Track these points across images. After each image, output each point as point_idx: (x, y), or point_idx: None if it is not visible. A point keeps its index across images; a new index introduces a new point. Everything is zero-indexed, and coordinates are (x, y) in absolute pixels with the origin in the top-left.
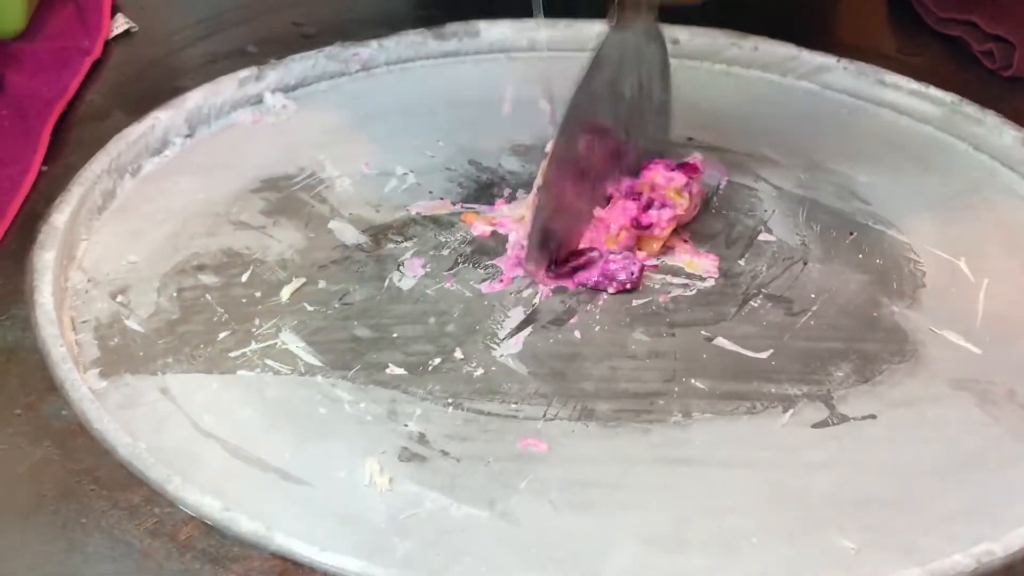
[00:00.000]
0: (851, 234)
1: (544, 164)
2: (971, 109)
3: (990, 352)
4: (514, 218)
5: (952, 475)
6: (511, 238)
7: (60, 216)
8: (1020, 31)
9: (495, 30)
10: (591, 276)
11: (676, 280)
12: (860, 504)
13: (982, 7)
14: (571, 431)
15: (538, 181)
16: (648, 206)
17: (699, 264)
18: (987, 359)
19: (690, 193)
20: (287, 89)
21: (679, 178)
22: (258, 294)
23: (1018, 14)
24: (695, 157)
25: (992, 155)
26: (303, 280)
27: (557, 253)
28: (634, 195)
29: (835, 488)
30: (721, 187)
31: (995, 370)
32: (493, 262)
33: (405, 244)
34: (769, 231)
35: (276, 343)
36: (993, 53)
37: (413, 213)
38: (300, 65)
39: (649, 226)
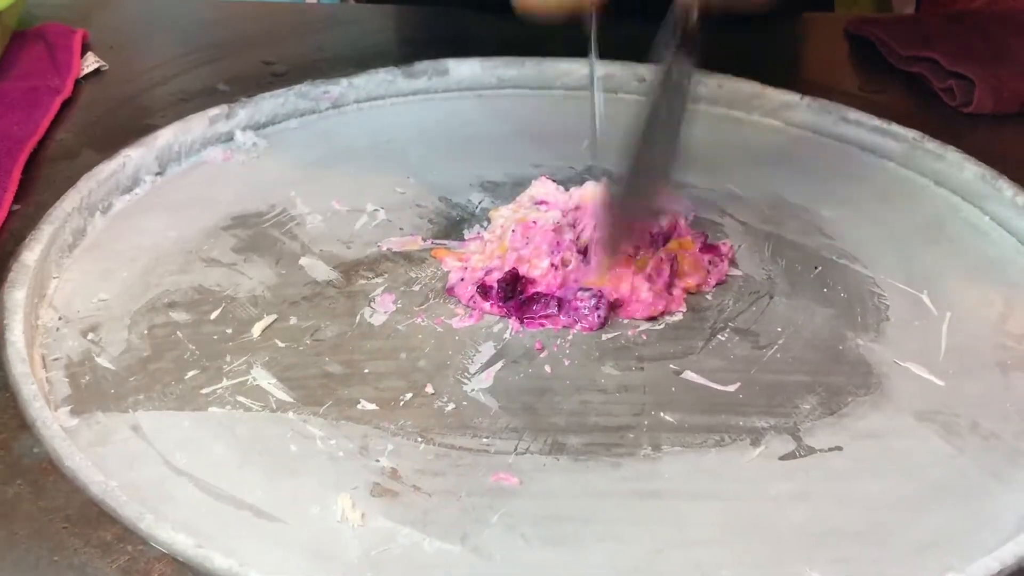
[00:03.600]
0: (816, 268)
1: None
2: (932, 145)
3: (953, 384)
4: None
5: (918, 506)
6: (453, 275)
7: (31, 254)
8: (980, 69)
9: (464, 68)
10: (558, 318)
11: None
12: (828, 535)
13: (943, 45)
14: (542, 465)
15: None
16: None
17: None
18: (950, 391)
19: (708, 271)
20: (258, 127)
21: (704, 258)
22: (229, 331)
23: (978, 52)
24: (726, 243)
25: (953, 190)
26: (274, 316)
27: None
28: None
29: (804, 520)
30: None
31: (958, 402)
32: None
33: (376, 280)
34: (735, 265)
35: (247, 380)
36: (954, 90)
37: (384, 249)
38: (270, 103)
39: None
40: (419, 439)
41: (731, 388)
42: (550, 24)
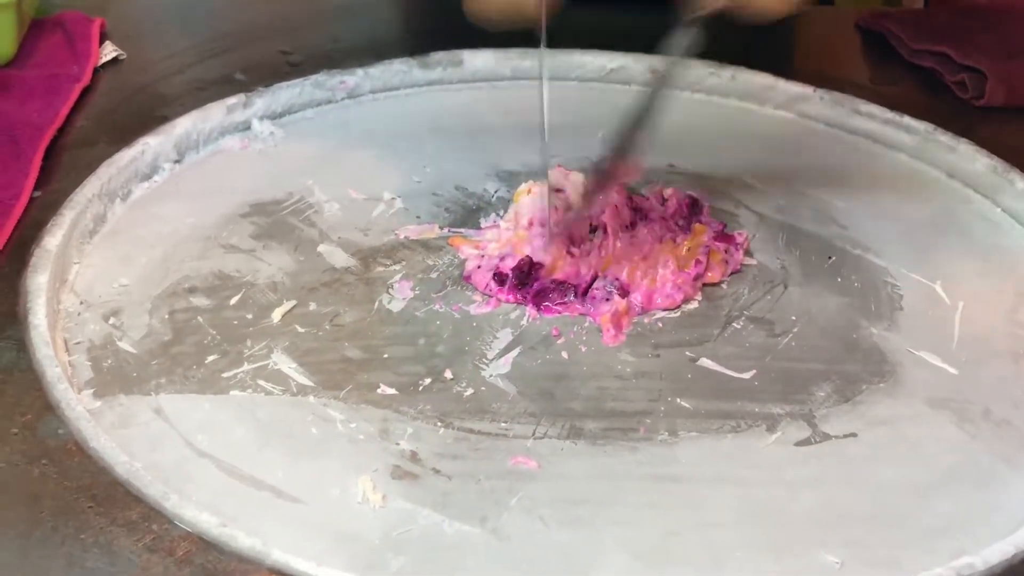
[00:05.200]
0: (830, 258)
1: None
2: (944, 138)
3: (966, 372)
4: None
5: (932, 491)
6: (469, 262)
7: (52, 240)
8: (992, 62)
9: (478, 59)
10: (575, 306)
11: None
12: (843, 520)
13: (954, 39)
14: (560, 449)
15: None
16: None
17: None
18: (963, 379)
19: (726, 262)
20: (274, 116)
21: (720, 247)
22: (249, 316)
23: (989, 46)
24: (741, 233)
25: (965, 182)
26: (294, 302)
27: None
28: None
29: (818, 504)
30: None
31: (971, 389)
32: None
33: (394, 267)
34: (750, 255)
35: (268, 364)
36: (965, 83)
37: (401, 237)
38: (287, 93)
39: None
40: (438, 423)
41: (747, 375)
42: (502, 29)
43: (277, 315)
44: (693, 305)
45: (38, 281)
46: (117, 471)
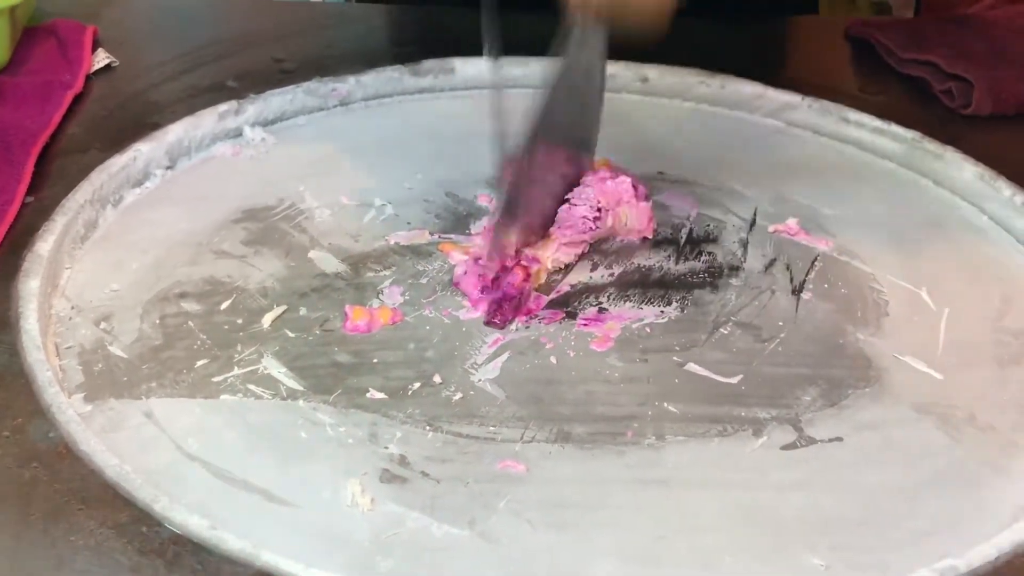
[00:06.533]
0: (817, 265)
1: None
2: (932, 146)
3: (951, 378)
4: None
5: (916, 495)
6: (459, 268)
7: (44, 245)
8: (978, 71)
9: (470, 67)
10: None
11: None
12: (829, 523)
13: (942, 48)
14: (548, 453)
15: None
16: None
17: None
18: (948, 384)
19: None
20: (266, 123)
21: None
22: (240, 321)
23: (977, 55)
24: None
25: (952, 190)
26: (284, 307)
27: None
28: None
29: (804, 508)
30: (691, 219)
31: (956, 395)
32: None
33: (384, 273)
34: (739, 261)
35: (258, 368)
36: (952, 92)
37: (392, 243)
38: (279, 99)
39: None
40: (427, 427)
41: (734, 380)
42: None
43: (267, 320)
44: (679, 312)
45: (30, 286)
46: (107, 474)
